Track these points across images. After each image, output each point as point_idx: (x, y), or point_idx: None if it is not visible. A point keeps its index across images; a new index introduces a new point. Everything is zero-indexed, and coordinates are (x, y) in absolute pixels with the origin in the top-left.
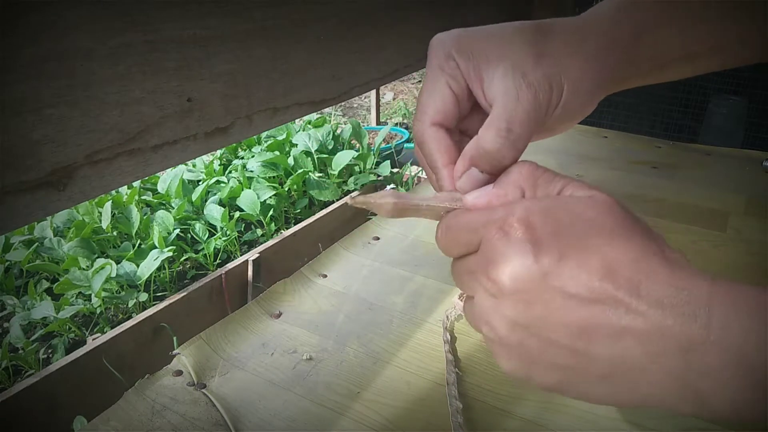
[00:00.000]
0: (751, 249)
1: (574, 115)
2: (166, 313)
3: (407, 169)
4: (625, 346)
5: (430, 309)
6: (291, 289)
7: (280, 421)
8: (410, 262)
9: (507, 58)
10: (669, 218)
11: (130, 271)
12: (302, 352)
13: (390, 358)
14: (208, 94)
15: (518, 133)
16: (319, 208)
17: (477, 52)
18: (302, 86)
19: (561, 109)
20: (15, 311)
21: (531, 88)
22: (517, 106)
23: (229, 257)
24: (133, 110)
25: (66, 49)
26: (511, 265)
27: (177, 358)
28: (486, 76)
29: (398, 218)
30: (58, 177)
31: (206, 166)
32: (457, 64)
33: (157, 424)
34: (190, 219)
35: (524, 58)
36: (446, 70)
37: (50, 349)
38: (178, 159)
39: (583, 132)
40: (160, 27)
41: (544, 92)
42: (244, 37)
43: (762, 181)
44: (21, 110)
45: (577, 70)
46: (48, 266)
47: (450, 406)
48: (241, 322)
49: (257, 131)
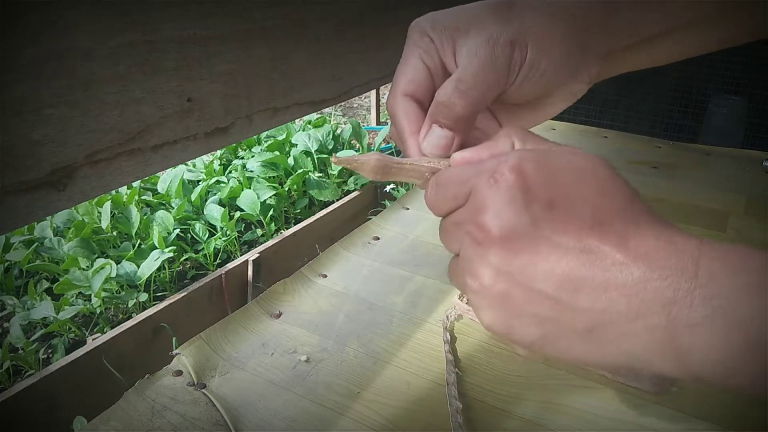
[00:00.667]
0: None
1: (549, 79)
2: (166, 313)
3: None
4: (610, 297)
5: (430, 309)
6: (291, 289)
7: (280, 421)
8: (410, 262)
9: (476, 28)
10: (669, 218)
11: (130, 271)
12: (302, 352)
13: (390, 358)
14: (208, 94)
15: (469, 83)
16: (319, 208)
17: (449, 27)
18: (302, 86)
19: (527, 68)
20: (15, 311)
21: (489, 45)
22: (473, 60)
23: (229, 257)
24: (133, 110)
25: (66, 49)
26: (499, 212)
27: (177, 358)
28: (457, 45)
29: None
30: (58, 177)
31: (206, 166)
32: (431, 38)
33: (157, 424)
34: (190, 219)
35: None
36: (420, 45)
37: (50, 349)
38: (178, 159)
39: (583, 132)
40: (160, 27)
41: (504, 53)
42: (244, 37)
43: (762, 181)
44: (21, 110)
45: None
46: (48, 266)
47: (450, 406)
48: (241, 322)
49: (257, 131)
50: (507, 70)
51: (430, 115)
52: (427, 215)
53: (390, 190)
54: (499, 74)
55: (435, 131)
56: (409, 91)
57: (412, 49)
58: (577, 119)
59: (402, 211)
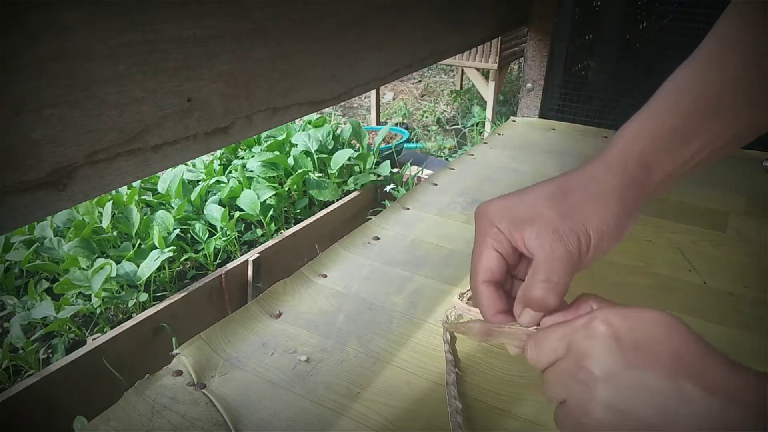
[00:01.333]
0: (751, 249)
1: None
2: (166, 313)
3: (407, 169)
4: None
5: (430, 309)
6: (291, 289)
7: (280, 421)
8: (410, 262)
9: (538, 220)
10: (669, 218)
11: (130, 271)
12: (302, 352)
13: (390, 358)
14: (208, 94)
15: (556, 281)
16: (319, 208)
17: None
18: (302, 86)
19: (593, 250)
20: (15, 311)
21: (561, 242)
22: (553, 259)
23: (229, 257)
24: (133, 110)
25: (66, 49)
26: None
27: (177, 358)
28: (525, 235)
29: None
30: (58, 177)
31: (206, 166)
32: (500, 230)
33: (157, 424)
34: (190, 219)
35: (551, 218)
36: (491, 236)
37: (50, 349)
38: (178, 159)
39: (583, 132)
40: (160, 27)
41: (573, 243)
42: (244, 37)
43: (762, 181)
44: (21, 110)
45: (598, 219)
46: (48, 266)
47: (450, 406)
48: (241, 322)
49: (257, 131)
50: (578, 258)
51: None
52: (427, 215)
53: (390, 190)
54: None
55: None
56: (487, 278)
57: (484, 239)
58: (577, 119)
59: (402, 211)
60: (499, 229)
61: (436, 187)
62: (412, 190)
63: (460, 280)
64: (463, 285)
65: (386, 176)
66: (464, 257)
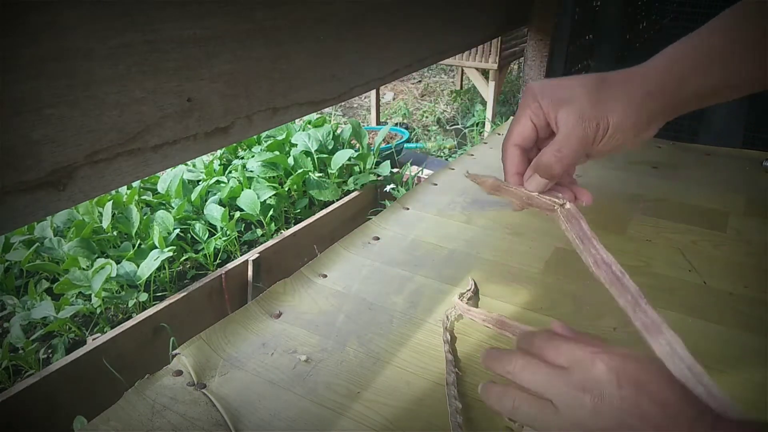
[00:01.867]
0: (751, 249)
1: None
2: (166, 313)
3: (407, 169)
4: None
5: (430, 309)
6: (291, 289)
7: (280, 421)
8: (410, 262)
9: (572, 103)
10: (669, 218)
11: (130, 271)
12: (302, 352)
13: (390, 358)
14: (208, 94)
15: (565, 153)
16: (319, 208)
17: (554, 98)
18: (302, 86)
19: (606, 140)
20: (15, 311)
21: (581, 124)
22: (569, 136)
23: (229, 257)
24: (133, 110)
25: (66, 49)
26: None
27: (177, 358)
28: (559, 113)
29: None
30: (58, 177)
31: (206, 166)
32: (540, 105)
33: (157, 424)
34: (190, 219)
35: (584, 104)
36: (531, 109)
37: (50, 349)
38: (178, 159)
39: None
40: (160, 27)
41: (592, 128)
42: (244, 37)
43: (762, 181)
44: (21, 110)
45: (621, 113)
46: (48, 266)
47: (449, 406)
48: (241, 322)
49: (257, 131)
50: (592, 141)
51: (535, 168)
52: (427, 215)
53: (390, 190)
54: (586, 144)
55: (536, 178)
56: (518, 142)
57: (524, 110)
58: None
59: (402, 211)
60: (540, 105)
61: (436, 187)
62: (412, 190)
63: (460, 280)
64: (463, 285)
65: (386, 176)
66: (464, 257)
